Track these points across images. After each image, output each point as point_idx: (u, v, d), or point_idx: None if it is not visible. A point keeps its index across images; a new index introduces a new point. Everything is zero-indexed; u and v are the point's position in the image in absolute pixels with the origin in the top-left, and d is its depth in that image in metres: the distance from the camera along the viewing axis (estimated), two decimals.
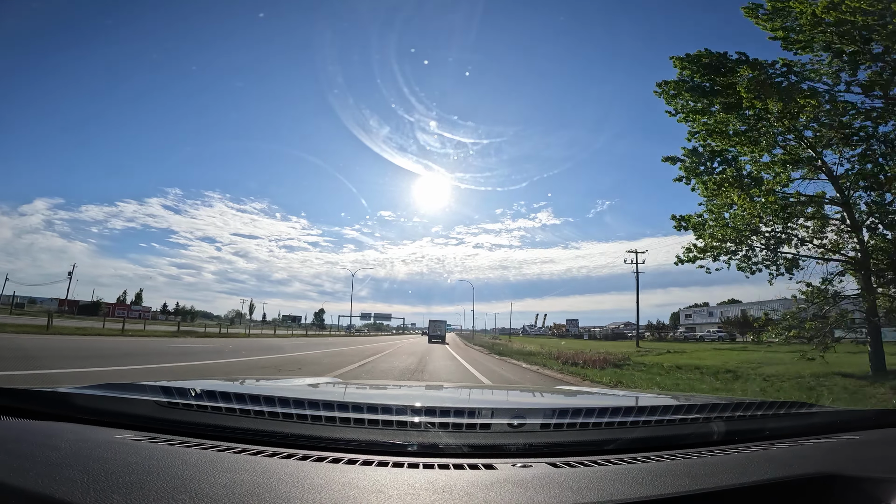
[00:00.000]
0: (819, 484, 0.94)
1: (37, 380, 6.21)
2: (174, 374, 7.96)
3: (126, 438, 1.05)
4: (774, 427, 1.35)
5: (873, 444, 1.32)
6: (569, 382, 9.26)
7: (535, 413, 1.28)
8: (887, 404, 6.70)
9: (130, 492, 0.75)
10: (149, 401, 1.25)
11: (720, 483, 0.89)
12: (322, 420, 1.14)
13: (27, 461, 0.87)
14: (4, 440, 1.03)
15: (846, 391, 7.64)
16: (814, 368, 10.34)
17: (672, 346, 36.25)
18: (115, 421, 1.18)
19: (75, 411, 1.22)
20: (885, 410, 1.63)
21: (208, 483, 0.79)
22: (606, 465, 1.00)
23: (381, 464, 0.96)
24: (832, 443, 1.28)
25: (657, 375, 11.09)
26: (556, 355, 17.34)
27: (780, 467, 1.01)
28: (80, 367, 7.88)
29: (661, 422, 1.31)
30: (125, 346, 13.87)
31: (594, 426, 1.23)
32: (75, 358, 9.29)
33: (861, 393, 7.59)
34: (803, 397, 5.91)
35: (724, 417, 1.32)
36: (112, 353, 11.20)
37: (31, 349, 10.33)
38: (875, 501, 0.90)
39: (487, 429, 1.16)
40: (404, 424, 1.17)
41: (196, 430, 1.14)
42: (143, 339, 19.64)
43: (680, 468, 0.99)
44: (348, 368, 11.22)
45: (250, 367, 10.93)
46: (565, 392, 2.52)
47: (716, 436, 1.25)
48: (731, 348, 28.18)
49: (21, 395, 1.30)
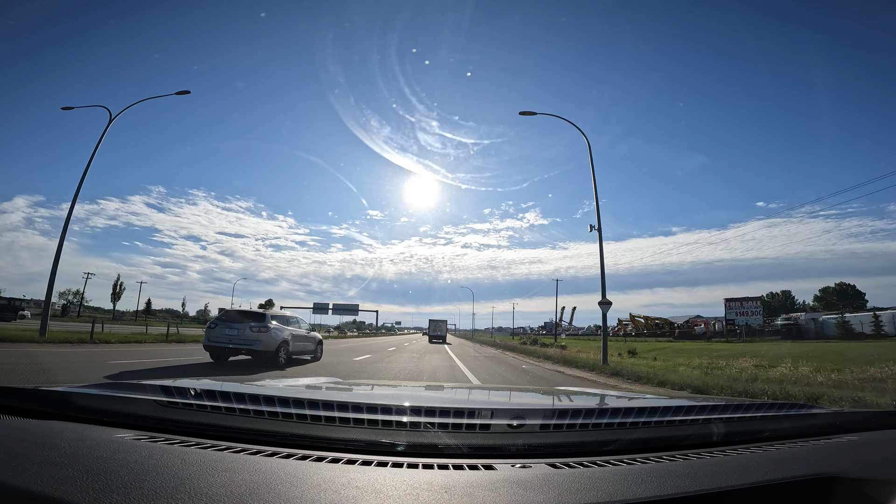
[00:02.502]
0: (819, 485, 0.94)
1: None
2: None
3: (125, 438, 1.05)
4: (774, 428, 1.35)
5: (873, 445, 1.32)
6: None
7: (535, 414, 1.28)
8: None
9: (130, 491, 0.75)
10: (148, 400, 1.25)
11: (720, 484, 0.89)
12: (322, 420, 1.14)
13: (26, 460, 0.87)
14: (4, 439, 1.03)
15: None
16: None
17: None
18: (114, 420, 1.18)
19: (75, 410, 1.22)
20: (885, 412, 1.63)
21: (208, 482, 0.79)
22: (606, 465, 0.99)
23: (381, 464, 0.96)
24: (832, 444, 1.28)
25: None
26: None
27: (780, 468, 1.01)
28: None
29: (661, 423, 1.31)
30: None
31: (594, 427, 1.23)
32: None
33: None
34: None
35: (724, 418, 1.32)
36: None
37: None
38: (875, 503, 0.90)
39: (487, 429, 1.16)
40: (404, 425, 1.17)
41: (196, 429, 1.14)
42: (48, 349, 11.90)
43: (680, 469, 0.99)
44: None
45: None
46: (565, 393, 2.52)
47: (716, 437, 1.24)
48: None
49: (20, 394, 1.30)
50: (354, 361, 13.60)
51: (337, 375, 8.58)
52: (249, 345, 10.20)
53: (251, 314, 11.21)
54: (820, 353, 18.55)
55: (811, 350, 21.75)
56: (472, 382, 9.21)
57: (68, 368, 8.38)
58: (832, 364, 13.11)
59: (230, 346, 10.21)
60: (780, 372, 11.93)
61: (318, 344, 13.64)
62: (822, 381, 9.66)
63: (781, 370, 12.30)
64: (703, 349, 28.49)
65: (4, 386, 1.28)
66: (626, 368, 12.20)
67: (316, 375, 9.49)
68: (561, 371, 13.83)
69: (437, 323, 49.20)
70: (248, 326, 10.31)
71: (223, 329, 10.39)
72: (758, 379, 9.96)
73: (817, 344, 31.80)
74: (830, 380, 9.77)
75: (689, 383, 8.82)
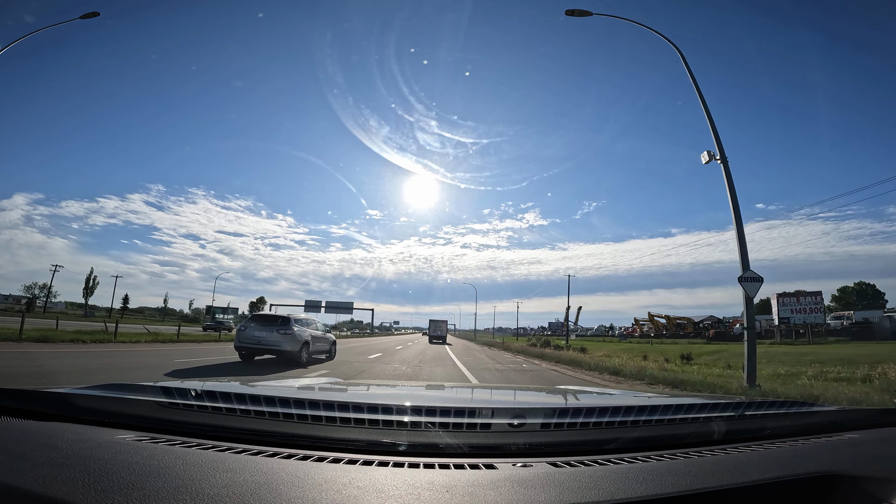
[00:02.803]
0: (819, 483, 0.94)
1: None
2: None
3: (127, 439, 1.05)
4: (775, 426, 1.35)
5: (874, 443, 1.32)
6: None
7: (536, 413, 1.28)
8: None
9: (131, 492, 0.75)
10: (149, 401, 1.25)
11: (721, 482, 0.89)
12: (322, 420, 1.14)
13: (28, 461, 0.87)
14: (5, 440, 1.03)
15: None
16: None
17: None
18: (115, 421, 1.18)
19: (76, 412, 1.22)
20: (886, 409, 1.63)
21: (209, 483, 0.80)
22: (607, 464, 1.00)
23: (382, 463, 0.96)
24: (832, 442, 1.28)
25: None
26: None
27: (781, 467, 1.01)
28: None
29: (662, 421, 1.31)
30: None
31: (594, 426, 1.23)
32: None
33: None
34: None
35: (725, 417, 1.32)
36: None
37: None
38: (875, 501, 0.90)
39: (488, 428, 1.16)
40: (404, 424, 1.17)
41: (197, 430, 1.14)
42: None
43: (680, 467, 0.99)
44: None
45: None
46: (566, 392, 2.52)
47: (716, 435, 1.24)
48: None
49: (22, 395, 1.30)
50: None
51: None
52: (277, 346, 11.01)
53: (277, 318, 11.89)
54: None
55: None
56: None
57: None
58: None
59: (259, 346, 11.10)
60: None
61: (333, 344, 14.42)
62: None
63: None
64: (774, 353, 23.10)
65: (5, 387, 1.28)
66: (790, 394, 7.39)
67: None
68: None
69: (438, 323, 48.63)
70: (276, 329, 11.15)
71: (252, 332, 11.22)
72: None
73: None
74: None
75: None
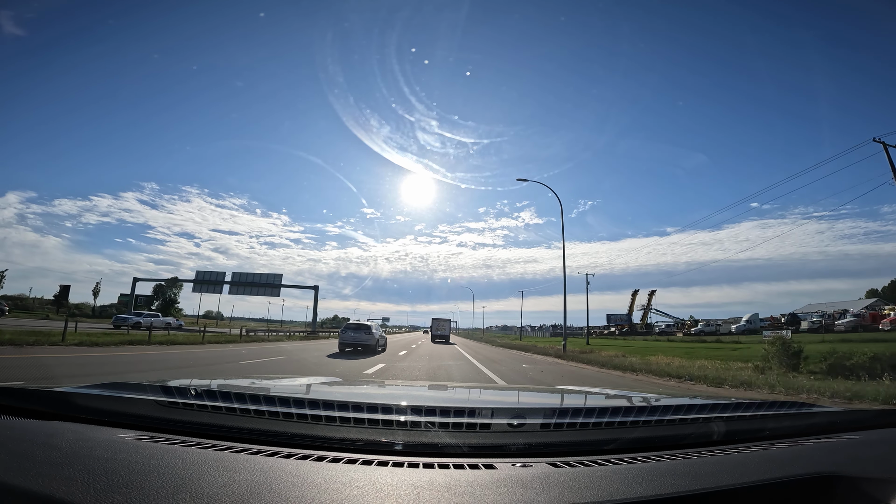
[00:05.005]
0: (819, 484, 0.94)
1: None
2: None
3: (126, 438, 1.05)
4: (774, 427, 1.35)
5: (873, 444, 1.32)
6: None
7: (535, 413, 1.28)
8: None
9: (131, 491, 0.75)
10: (149, 400, 1.25)
11: (720, 483, 0.89)
12: (322, 420, 1.14)
13: (28, 460, 0.87)
14: (5, 439, 1.03)
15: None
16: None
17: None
18: (115, 420, 1.18)
19: (76, 411, 1.22)
20: (885, 410, 1.63)
21: (208, 482, 0.80)
22: (606, 464, 1.00)
23: (381, 463, 0.96)
24: (832, 443, 1.28)
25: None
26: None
27: (780, 467, 1.01)
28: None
29: (662, 422, 1.31)
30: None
31: (594, 426, 1.23)
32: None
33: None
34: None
35: (724, 417, 1.32)
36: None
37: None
38: (875, 502, 0.90)
39: (487, 429, 1.16)
40: (404, 424, 1.17)
41: (196, 429, 1.14)
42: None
43: (680, 468, 0.99)
44: None
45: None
46: (566, 392, 2.52)
47: (716, 436, 1.25)
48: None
49: (21, 394, 1.30)
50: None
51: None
52: (365, 342, 17.43)
53: (362, 326, 18.55)
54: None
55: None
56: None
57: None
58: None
59: (354, 342, 17.46)
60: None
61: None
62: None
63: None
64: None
65: (5, 386, 1.28)
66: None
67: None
68: None
69: (441, 322, 46.99)
70: (363, 331, 17.76)
71: (350, 333, 17.75)
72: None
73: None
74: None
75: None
